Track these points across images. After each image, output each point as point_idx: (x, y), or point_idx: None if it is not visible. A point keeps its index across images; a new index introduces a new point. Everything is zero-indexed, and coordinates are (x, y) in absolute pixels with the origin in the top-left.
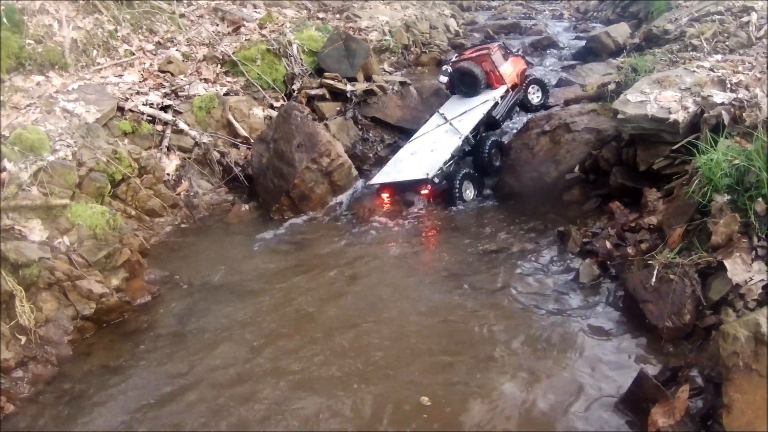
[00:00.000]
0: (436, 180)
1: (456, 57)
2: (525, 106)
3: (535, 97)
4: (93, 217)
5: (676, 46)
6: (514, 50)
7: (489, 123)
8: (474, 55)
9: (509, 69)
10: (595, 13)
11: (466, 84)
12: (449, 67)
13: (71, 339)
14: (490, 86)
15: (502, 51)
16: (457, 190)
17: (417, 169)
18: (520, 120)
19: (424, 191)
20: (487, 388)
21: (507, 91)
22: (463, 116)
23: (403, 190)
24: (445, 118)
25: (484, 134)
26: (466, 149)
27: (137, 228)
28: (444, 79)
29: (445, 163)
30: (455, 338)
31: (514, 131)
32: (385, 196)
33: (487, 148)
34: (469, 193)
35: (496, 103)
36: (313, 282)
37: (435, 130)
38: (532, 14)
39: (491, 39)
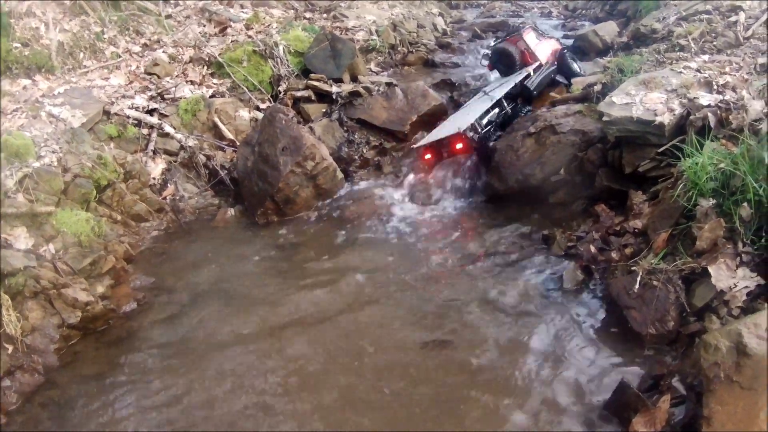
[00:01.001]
0: (469, 133)
1: (494, 42)
2: (568, 74)
3: (576, 67)
4: (78, 224)
5: (663, 46)
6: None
7: (525, 95)
8: (509, 37)
9: (542, 48)
10: (583, 11)
11: (503, 63)
12: (489, 52)
13: (57, 347)
14: (525, 64)
15: (535, 33)
16: (488, 154)
17: (451, 127)
18: None
19: (458, 145)
20: (467, 396)
21: (540, 66)
22: (497, 88)
23: (440, 149)
24: (484, 92)
25: (520, 105)
26: (502, 116)
27: (123, 233)
28: (485, 62)
29: (476, 120)
30: (434, 349)
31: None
32: (427, 156)
33: (523, 114)
34: None
35: (528, 75)
36: (297, 294)
37: (472, 101)
38: (521, 12)
39: (478, 37)
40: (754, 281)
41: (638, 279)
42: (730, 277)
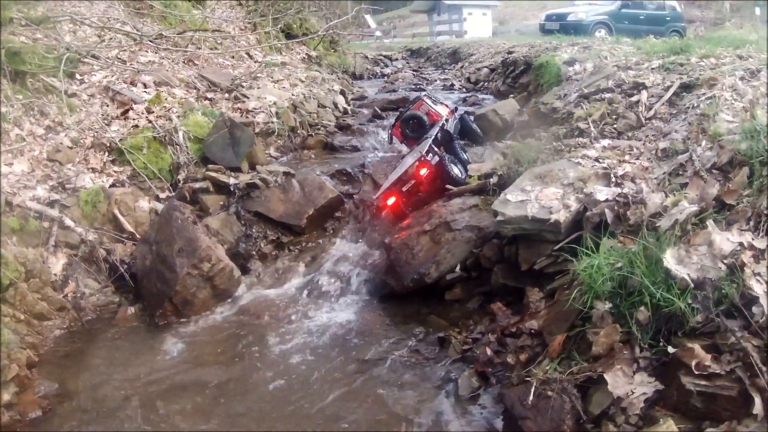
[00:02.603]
0: (429, 156)
1: (395, 120)
2: (468, 133)
3: (476, 127)
4: None
5: (563, 130)
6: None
7: (446, 139)
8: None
9: (440, 108)
10: (485, 83)
11: (414, 126)
12: (390, 131)
13: None
14: (433, 122)
15: (430, 99)
16: (449, 172)
17: (408, 163)
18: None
19: (422, 170)
20: None
21: (446, 119)
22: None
23: (403, 186)
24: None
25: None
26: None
27: (27, 333)
28: (391, 137)
29: (427, 152)
30: None
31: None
32: (389, 201)
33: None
34: (457, 171)
35: (443, 123)
36: (200, 402)
37: (408, 155)
38: (423, 85)
39: (378, 117)
40: (651, 387)
41: (532, 390)
42: (627, 383)
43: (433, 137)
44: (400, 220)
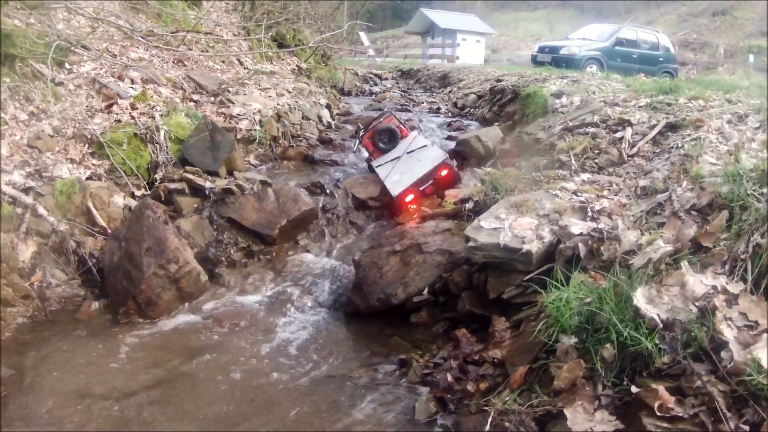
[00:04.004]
0: (451, 160)
1: (362, 132)
2: None
3: None
4: None
5: (543, 161)
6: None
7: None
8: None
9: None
10: (472, 110)
11: (385, 140)
12: (361, 144)
13: None
14: (403, 136)
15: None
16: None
17: (428, 162)
18: None
19: (443, 172)
20: None
21: (416, 135)
22: (420, 150)
23: (421, 186)
24: (407, 153)
25: None
26: None
27: None
28: (362, 148)
29: (451, 156)
30: None
31: None
32: (409, 198)
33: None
34: None
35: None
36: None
37: (404, 158)
38: (409, 106)
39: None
40: (612, 426)
41: (489, 420)
42: (587, 420)
43: (431, 145)
44: (407, 217)
